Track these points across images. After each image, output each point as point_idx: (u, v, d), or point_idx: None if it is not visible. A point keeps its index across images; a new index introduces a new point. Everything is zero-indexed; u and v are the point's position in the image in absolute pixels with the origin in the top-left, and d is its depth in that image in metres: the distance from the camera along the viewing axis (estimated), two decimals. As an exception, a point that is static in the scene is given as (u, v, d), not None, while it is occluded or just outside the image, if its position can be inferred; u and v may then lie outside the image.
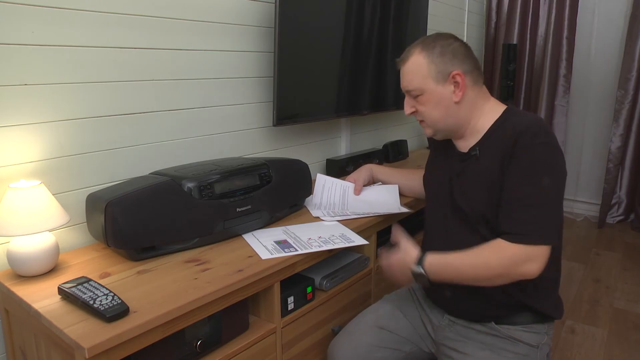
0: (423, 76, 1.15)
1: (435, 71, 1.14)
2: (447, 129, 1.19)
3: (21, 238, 1.03)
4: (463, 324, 1.20)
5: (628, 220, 3.43)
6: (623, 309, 2.25)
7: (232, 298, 1.05)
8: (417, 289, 1.35)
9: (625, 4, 3.24)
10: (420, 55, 1.15)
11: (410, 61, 1.17)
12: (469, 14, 3.36)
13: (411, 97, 1.20)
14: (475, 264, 1.08)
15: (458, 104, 1.15)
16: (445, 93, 1.15)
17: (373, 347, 1.23)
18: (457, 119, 1.17)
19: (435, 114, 1.17)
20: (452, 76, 1.13)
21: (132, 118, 1.36)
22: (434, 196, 1.29)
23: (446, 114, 1.16)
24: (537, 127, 1.07)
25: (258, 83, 1.72)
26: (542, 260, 1.04)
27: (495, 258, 1.06)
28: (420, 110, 1.19)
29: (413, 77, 1.16)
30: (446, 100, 1.15)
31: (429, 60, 1.14)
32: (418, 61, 1.15)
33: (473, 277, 1.09)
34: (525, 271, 1.04)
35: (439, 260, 1.11)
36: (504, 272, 1.05)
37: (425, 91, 1.15)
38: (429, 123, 1.20)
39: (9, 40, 1.09)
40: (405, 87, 1.19)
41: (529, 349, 1.15)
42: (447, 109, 1.16)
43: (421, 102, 1.18)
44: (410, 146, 2.72)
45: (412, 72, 1.16)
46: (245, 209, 1.29)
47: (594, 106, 3.47)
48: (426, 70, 1.14)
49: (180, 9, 1.43)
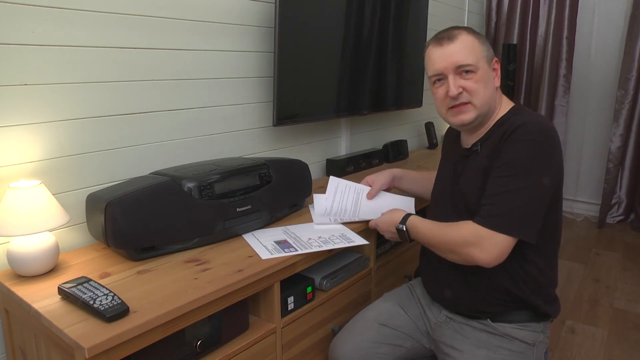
0: (478, 53, 1.15)
1: (486, 52, 1.16)
2: (487, 113, 1.18)
3: (21, 238, 1.03)
4: (460, 320, 1.21)
5: (628, 220, 3.43)
6: (623, 309, 2.25)
7: (232, 298, 1.05)
8: (416, 286, 1.36)
9: (625, 4, 3.24)
10: (470, 35, 1.16)
11: (462, 38, 1.15)
12: (469, 14, 3.36)
13: (458, 75, 1.14)
14: (436, 233, 1.14)
15: (497, 89, 1.19)
16: (492, 75, 1.17)
17: (374, 343, 1.23)
18: (494, 105, 1.19)
19: (487, 93, 1.16)
20: (494, 61, 1.18)
21: (132, 118, 1.36)
22: (437, 193, 1.32)
23: (492, 96, 1.17)
24: (535, 125, 1.07)
25: (258, 83, 1.72)
26: (494, 249, 1.03)
27: (454, 233, 1.09)
28: (471, 88, 1.14)
29: (470, 52, 1.14)
30: (492, 82, 1.17)
31: (479, 41, 1.16)
32: (470, 39, 1.15)
33: (434, 245, 1.16)
34: (474, 255, 1.05)
35: (419, 222, 1.22)
36: (454, 249, 1.09)
37: (480, 68, 1.14)
38: (478, 103, 1.14)
39: (9, 40, 1.09)
40: (458, 62, 1.13)
41: (525, 347, 1.15)
42: (493, 91, 1.17)
43: (475, 80, 1.14)
44: (410, 146, 2.72)
45: (467, 47, 1.14)
46: (245, 209, 1.29)
47: (594, 106, 3.47)
48: (479, 48, 1.15)
49: (180, 9, 1.43)
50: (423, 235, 1.19)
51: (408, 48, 2.34)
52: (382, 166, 2.26)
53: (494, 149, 1.11)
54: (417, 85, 2.50)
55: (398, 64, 2.29)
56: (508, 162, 1.06)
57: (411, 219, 1.24)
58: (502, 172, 1.07)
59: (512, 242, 1.05)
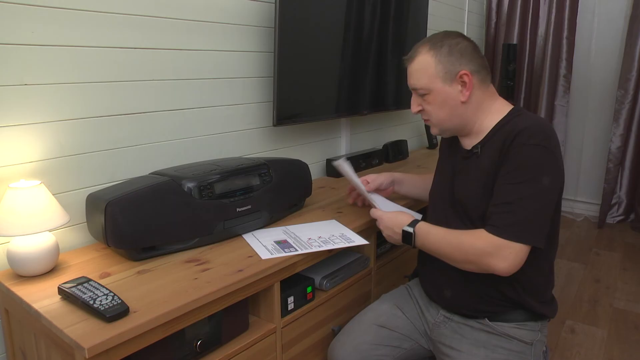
0: (430, 75, 1.14)
1: (443, 71, 1.14)
2: (453, 128, 1.20)
3: (21, 238, 1.03)
4: (458, 320, 1.21)
5: (628, 220, 3.43)
6: (623, 309, 2.25)
7: (232, 298, 1.05)
8: (413, 286, 1.36)
9: (625, 4, 3.24)
10: (427, 54, 1.15)
11: (417, 60, 1.16)
12: (469, 14, 3.36)
13: (418, 95, 1.20)
14: (452, 242, 1.11)
15: (465, 103, 1.15)
16: (452, 93, 1.15)
17: (373, 345, 1.23)
18: (463, 119, 1.17)
19: (442, 114, 1.17)
20: (459, 76, 1.13)
21: (132, 118, 1.36)
22: (436, 194, 1.31)
23: (452, 114, 1.16)
24: (538, 128, 1.06)
25: (258, 83, 1.72)
26: (513, 258, 1.03)
27: (470, 244, 1.08)
28: (426, 109, 1.19)
29: (420, 76, 1.16)
30: (453, 99, 1.15)
31: (436, 60, 1.14)
32: (425, 60, 1.15)
33: (447, 255, 1.12)
34: (494, 265, 1.04)
35: (428, 228, 1.17)
36: (473, 259, 1.07)
37: (432, 90, 1.15)
38: (435, 122, 1.20)
39: (8, 40, 1.09)
40: (412, 85, 1.19)
41: (523, 346, 1.15)
42: (454, 108, 1.16)
43: (428, 101, 1.18)
44: (410, 146, 2.72)
45: (419, 70, 1.16)
46: (245, 209, 1.29)
47: (594, 106, 3.47)
48: (433, 69, 1.14)
49: (180, 9, 1.43)
50: (434, 242, 1.15)
51: (408, 48, 2.34)
52: (382, 166, 2.26)
53: (498, 153, 1.10)
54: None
55: (398, 64, 2.29)
56: (516, 169, 1.05)
57: (422, 224, 1.19)
58: (511, 179, 1.06)
59: (528, 249, 1.05)
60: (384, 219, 1.28)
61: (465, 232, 1.11)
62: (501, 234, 1.03)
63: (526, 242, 1.03)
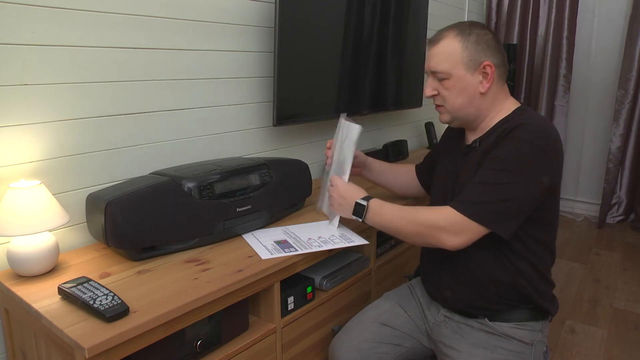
0: (454, 60, 1.13)
1: (468, 58, 1.13)
2: (464, 118, 1.19)
3: (21, 238, 1.03)
4: (458, 320, 1.21)
5: (628, 220, 3.43)
6: (623, 309, 2.25)
7: (232, 298, 1.05)
8: (416, 285, 1.36)
9: (625, 4, 3.24)
10: (455, 39, 1.13)
11: (443, 43, 1.14)
12: (469, 13, 3.36)
13: (435, 79, 1.18)
14: (405, 217, 1.13)
15: (483, 95, 1.15)
16: (472, 82, 1.14)
17: (374, 343, 1.23)
18: (478, 110, 1.17)
19: (458, 101, 1.16)
20: (483, 66, 1.13)
21: (132, 118, 1.36)
22: (437, 191, 1.31)
23: (469, 103, 1.16)
24: (535, 126, 1.07)
25: (258, 83, 1.72)
26: (464, 236, 1.05)
27: (424, 217, 1.09)
28: (443, 94, 1.17)
29: (443, 59, 1.14)
30: (472, 89, 1.15)
31: (463, 46, 1.13)
32: (452, 44, 1.13)
33: (397, 228, 1.14)
34: (444, 239, 1.06)
35: (382, 204, 1.18)
36: (423, 231, 1.09)
37: (453, 76, 1.14)
38: (449, 109, 1.18)
39: (8, 40, 1.09)
40: (432, 67, 1.16)
41: (523, 347, 1.15)
42: (472, 98, 1.15)
43: (446, 87, 1.16)
44: (410, 146, 2.72)
45: (443, 53, 1.14)
46: (245, 209, 1.29)
47: (594, 106, 3.47)
48: (459, 55, 1.13)
49: (180, 9, 1.43)
50: (386, 216, 1.16)
51: (408, 48, 2.34)
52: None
53: (493, 145, 1.11)
54: (417, 85, 2.50)
55: (398, 64, 2.29)
56: (499, 157, 1.07)
57: (376, 200, 1.20)
58: (491, 165, 1.08)
59: (483, 232, 1.06)
60: (339, 187, 1.25)
61: (424, 207, 1.13)
62: (462, 211, 1.05)
63: (484, 224, 1.05)
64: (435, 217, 1.08)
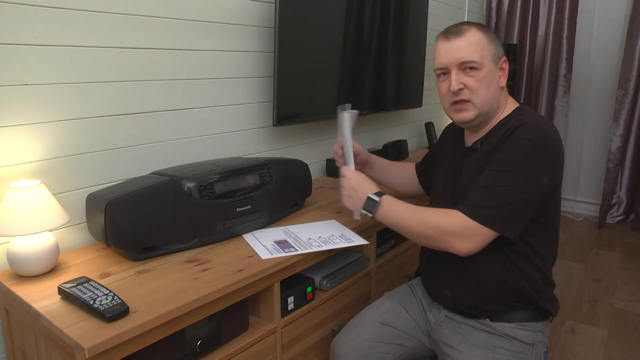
0: (484, 51, 1.13)
1: (493, 51, 1.14)
2: (487, 113, 1.16)
3: (21, 238, 1.03)
4: (459, 320, 1.21)
5: (628, 220, 3.43)
6: (623, 309, 2.25)
7: (232, 298, 1.05)
8: (417, 285, 1.36)
9: (625, 4, 3.24)
10: (479, 32, 1.14)
11: (470, 34, 1.13)
12: (469, 13, 3.36)
13: (462, 71, 1.13)
14: (415, 217, 1.12)
15: (502, 89, 1.17)
16: (497, 75, 1.15)
17: (375, 342, 1.23)
18: (497, 105, 1.17)
19: (488, 93, 1.14)
20: (502, 61, 1.16)
21: (132, 118, 1.36)
22: (438, 192, 1.30)
23: (493, 97, 1.15)
24: (536, 126, 1.07)
25: (258, 83, 1.72)
26: (475, 241, 1.05)
27: (434, 219, 1.09)
28: (472, 86, 1.13)
29: (476, 49, 1.12)
30: (496, 82, 1.15)
31: (488, 39, 1.14)
32: (479, 36, 1.13)
33: (406, 228, 1.13)
34: (454, 244, 1.06)
35: (393, 200, 1.17)
36: (434, 234, 1.08)
37: (484, 67, 1.13)
38: (478, 102, 1.14)
39: (8, 40, 1.09)
40: (463, 58, 1.12)
41: (524, 347, 1.15)
42: (495, 91, 1.16)
43: (477, 78, 1.13)
44: (410, 146, 2.72)
45: (474, 44, 1.12)
46: (245, 209, 1.29)
47: (594, 106, 3.47)
48: (487, 47, 1.13)
49: (180, 9, 1.43)
50: (396, 214, 1.15)
51: (408, 48, 2.34)
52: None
53: (495, 147, 1.12)
54: (417, 85, 2.50)
55: (398, 64, 2.29)
56: (503, 158, 1.07)
57: (388, 196, 1.18)
58: (495, 167, 1.08)
59: (493, 236, 1.06)
60: (352, 179, 1.24)
61: (433, 209, 1.13)
62: (471, 216, 1.05)
63: (494, 228, 1.05)
64: (445, 221, 1.08)
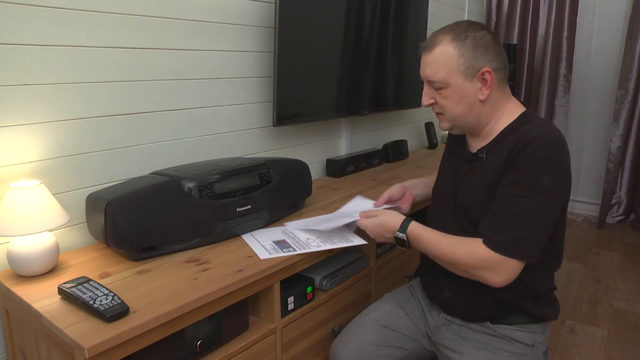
0: (450, 69, 1.06)
1: (465, 65, 1.06)
2: (465, 126, 1.13)
3: (21, 238, 1.03)
4: (459, 323, 1.21)
5: (628, 220, 3.43)
6: (623, 309, 2.25)
7: (232, 298, 1.05)
8: (416, 287, 1.35)
9: (625, 4, 3.24)
10: (449, 45, 1.06)
11: (437, 50, 1.07)
12: (469, 13, 3.36)
13: (432, 87, 1.11)
14: (446, 249, 1.09)
15: (483, 102, 1.09)
16: (471, 90, 1.08)
17: (375, 345, 1.23)
18: (479, 117, 1.11)
19: (457, 110, 1.10)
20: (481, 73, 1.06)
21: (132, 118, 1.36)
22: (438, 195, 1.29)
23: (469, 111, 1.10)
24: (548, 141, 1.03)
25: (258, 83, 1.72)
26: (508, 273, 1.02)
27: (465, 253, 1.06)
28: (441, 103, 1.11)
29: (439, 68, 1.07)
30: (471, 97, 1.08)
31: (459, 53, 1.05)
32: (447, 51, 1.06)
33: (440, 259, 1.12)
34: (487, 277, 1.04)
35: (420, 231, 1.14)
36: (467, 269, 1.07)
37: (450, 85, 1.07)
38: (448, 118, 1.13)
39: (8, 40, 1.09)
40: (427, 77, 1.10)
41: (525, 348, 1.15)
42: (471, 106, 1.09)
43: (443, 96, 1.09)
44: (410, 146, 2.72)
45: (438, 62, 1.07)
46: (245, 209, 1.29)
47: (594, 106, 3.47)
48: (455, 63, 1.06)
49: (180, 9, 1.43)
50: (427, 247, 1.12)
51: (408, 48, 2.34)
52: (382, 166, 2.26)
53: (504, 160, 1.06)
54: (417, 85, 2.50)
55: (398, 64, 2.29)
56: (523, 182, 1.02)
57: (412, 227, 1.14)
58: (514, 191, 1.03)
59: (523, 265, 1.04)
60: (369, 228, 1.21)
61: (460, 240, 1.08)
62: (498, 250, 1.01)
63: (522, 259, 1.02)
64: (469, 256, 1.04)
